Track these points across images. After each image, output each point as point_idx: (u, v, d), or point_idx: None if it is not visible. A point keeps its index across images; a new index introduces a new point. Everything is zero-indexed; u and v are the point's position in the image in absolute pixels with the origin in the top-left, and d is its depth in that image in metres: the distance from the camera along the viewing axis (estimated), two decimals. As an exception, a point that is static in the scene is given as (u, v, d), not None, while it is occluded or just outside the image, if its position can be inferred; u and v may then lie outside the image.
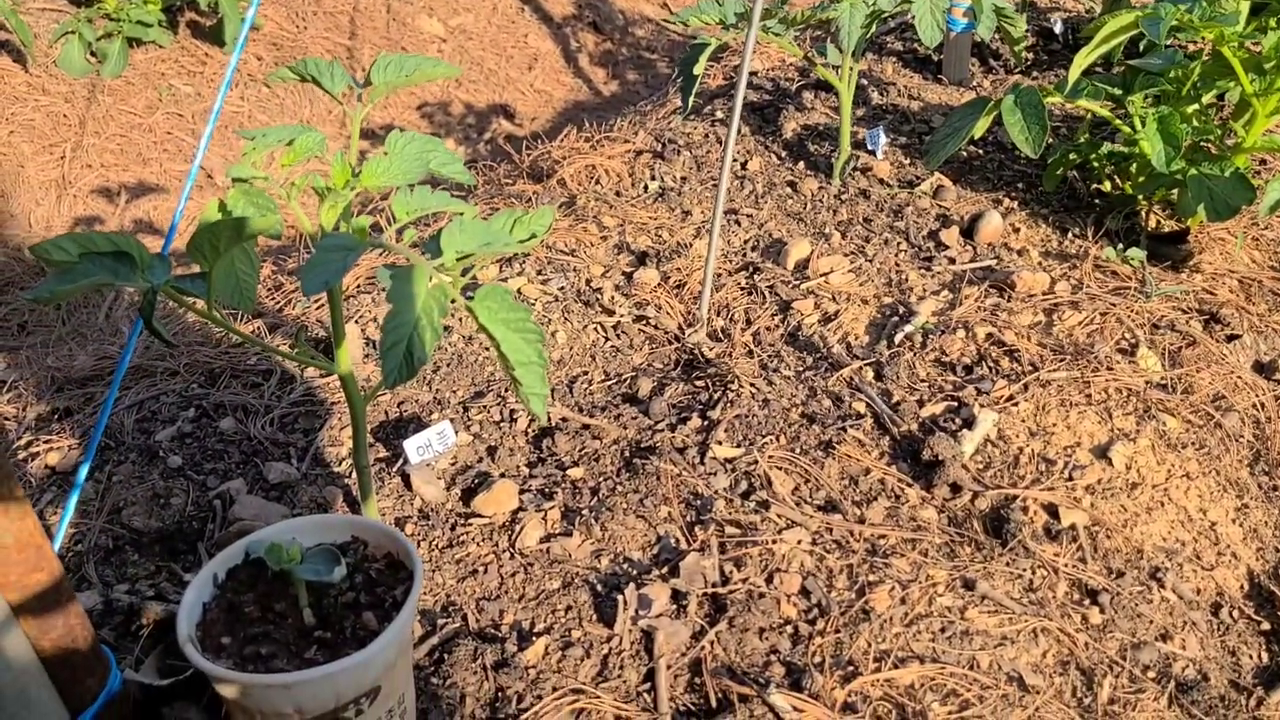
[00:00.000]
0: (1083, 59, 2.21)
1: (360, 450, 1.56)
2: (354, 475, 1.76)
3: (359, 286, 2.30)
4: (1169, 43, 2.47)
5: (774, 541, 1.60)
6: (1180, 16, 2.10)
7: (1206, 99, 2.37)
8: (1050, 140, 2.33)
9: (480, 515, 1.67)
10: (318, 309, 2.25)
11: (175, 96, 3.92)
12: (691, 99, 2.41)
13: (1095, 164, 2.50)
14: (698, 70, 2.35)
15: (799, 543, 1.61)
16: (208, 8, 3.91)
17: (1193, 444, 1.86)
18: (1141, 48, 2.72)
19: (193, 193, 3.68)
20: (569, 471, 1.76)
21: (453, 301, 1.26)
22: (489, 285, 1.27)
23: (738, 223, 2.55)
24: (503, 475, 1.76)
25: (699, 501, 1.69)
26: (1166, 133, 2.22)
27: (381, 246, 1.30)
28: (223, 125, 3.96)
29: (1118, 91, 2.38)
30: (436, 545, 1.63)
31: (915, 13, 2.37)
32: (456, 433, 1.84)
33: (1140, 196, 2.41)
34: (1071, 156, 2.50)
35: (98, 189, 3.59)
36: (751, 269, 2.37)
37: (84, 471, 1.59)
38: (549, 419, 1.90)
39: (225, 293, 1.45)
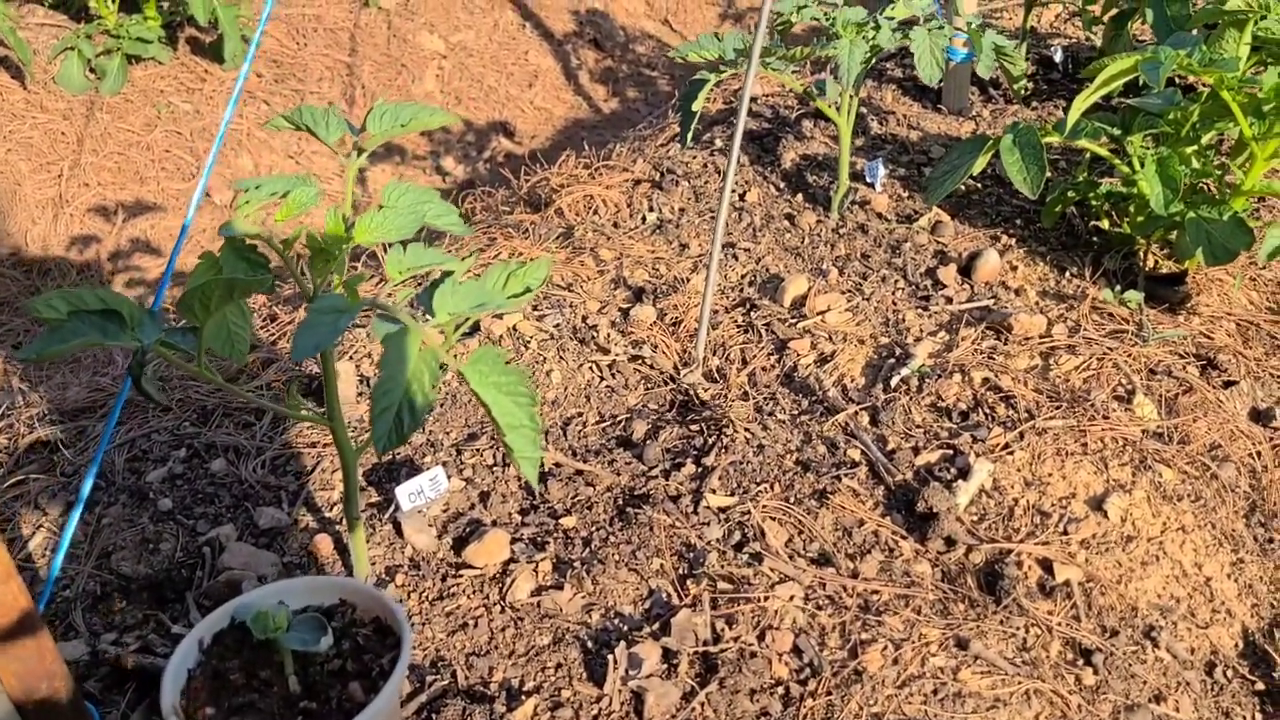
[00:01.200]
0: (1082, 102, 2.20)
1: (351, 502, 1.55)
2: (345, 521, 1.75)
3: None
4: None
5: (766, 597, 1.59)
6: (1180, 61, 2.09)
7: (1206, 140, 2.36)
8: (1049, 174, 2.32)
9: (472, 566, 1.66)
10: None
11: (174, 114, 3.91)
12: (690, 133, 2.40)
13: (1094, 202, 2.49)
14: (696, 107, 2.35)
15: (791, 598, 1.60)
16: (208, 24, 3.90)
17: (1188, 495, 1.86)
18: (1141, 83, 2.71)
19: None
20: (561, 520, 1.75)
21: (444, 366, 1.25)
22: (481, 348, 1.26)
23: (735, 256, 2.54)
24: (495, 523, 1.75)
25: (691, 554, 1.68)
26: (1165, 175, 2.21)
27: (375, 307, 1.29)
28: (222, 142, 3.95)
29: (1116, 131, 2.38)
30: (427, 597, 1.62)
31: (915, 50, 2.37)
32: (449, 478, 1.84)
33: (1138, 236, 2.40)
34: (1070, 194, 2.50)
35: (95, 207, 3.58)
36: (748, 305, 2.36)
37: (73, 522, 1.58)
38: (543, 464, 1.89)
39: (217, 345, 1.44)
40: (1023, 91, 2.66)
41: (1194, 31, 2.56)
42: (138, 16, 3.97)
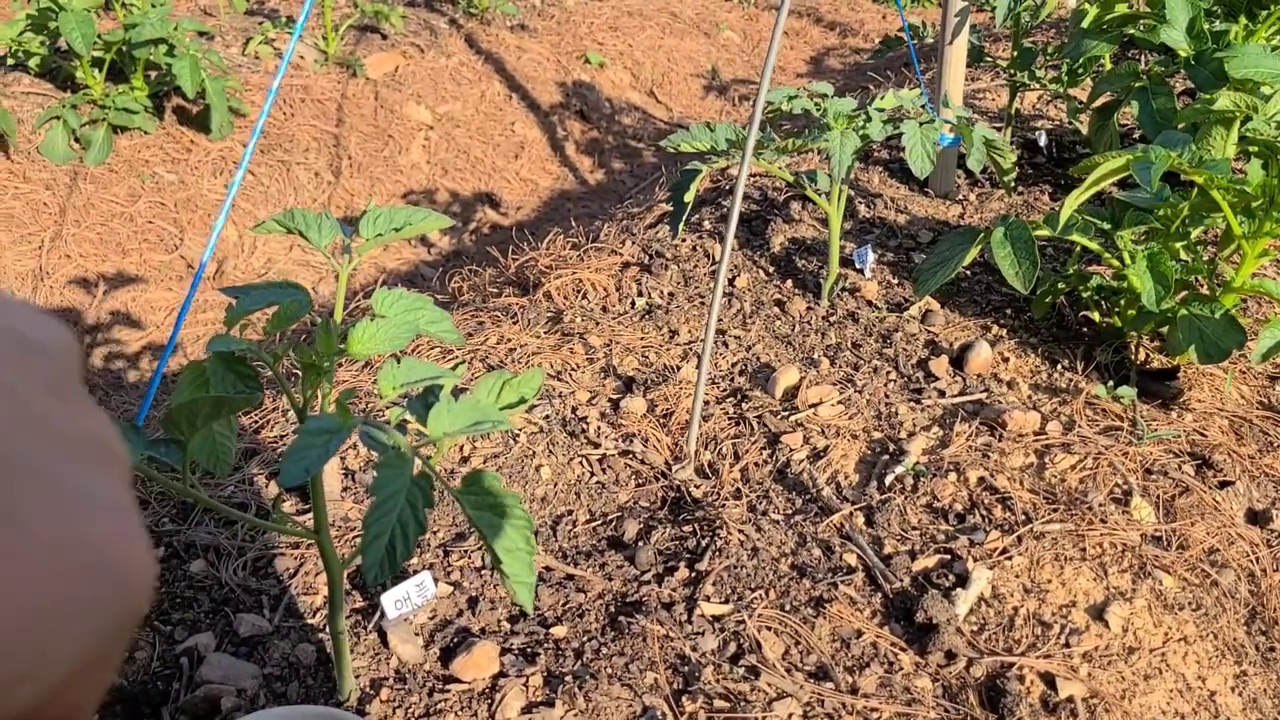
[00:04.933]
0: (1074, 199, 2.21)
1: (336, 616, 1.50)
2: (329, 631, 1.70)
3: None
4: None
5: (763, 717, 1.54)
6: (1171, 161, 2.10)
7: (1195, 235, 2.38)
8: (1040, 261, 2.33)
9: (460, 680, 1.60)
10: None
11: (158, 184, 3.89)
12: (681, 225, 2.39)
13: (1084, 294, 2.50)
14: (689, 198, 2.34)
15: (790, 716, 1.56)
16: (195, 96, 3.90)
17: (1189, 604, 1.83)
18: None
19: (174, 284, 3.64)
20: (552, 630, 1.70)
21: (438, 489, 1.22)
22: (474, 471, 1.23)
23: (725, 344, 2.52)
24: (483, 631, 1.70)
25: (686, 667, 1.64)
26: (1157, 271, 2.21)
27: (368, 426, 1.25)
28: (206, 213, 3.93)
29: (1107, 225, 2.39)
30: (413, 714, 1.56)
31: (907, 144, 2.38)
32: (436, 582, 1.79)
33: (1130, 330, 2.40)
34: (1060, 286, 2.50)
35: (75, 279, 3.54)
36: (739, 396, 2.34)
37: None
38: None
39: (202, 458, 1.40)
40: (1011, 184, 2.68)
41: (1180, 127, 2.59)
42: (124, 86, 3.96)
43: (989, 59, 3.51)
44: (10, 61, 4.03)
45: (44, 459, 0.26)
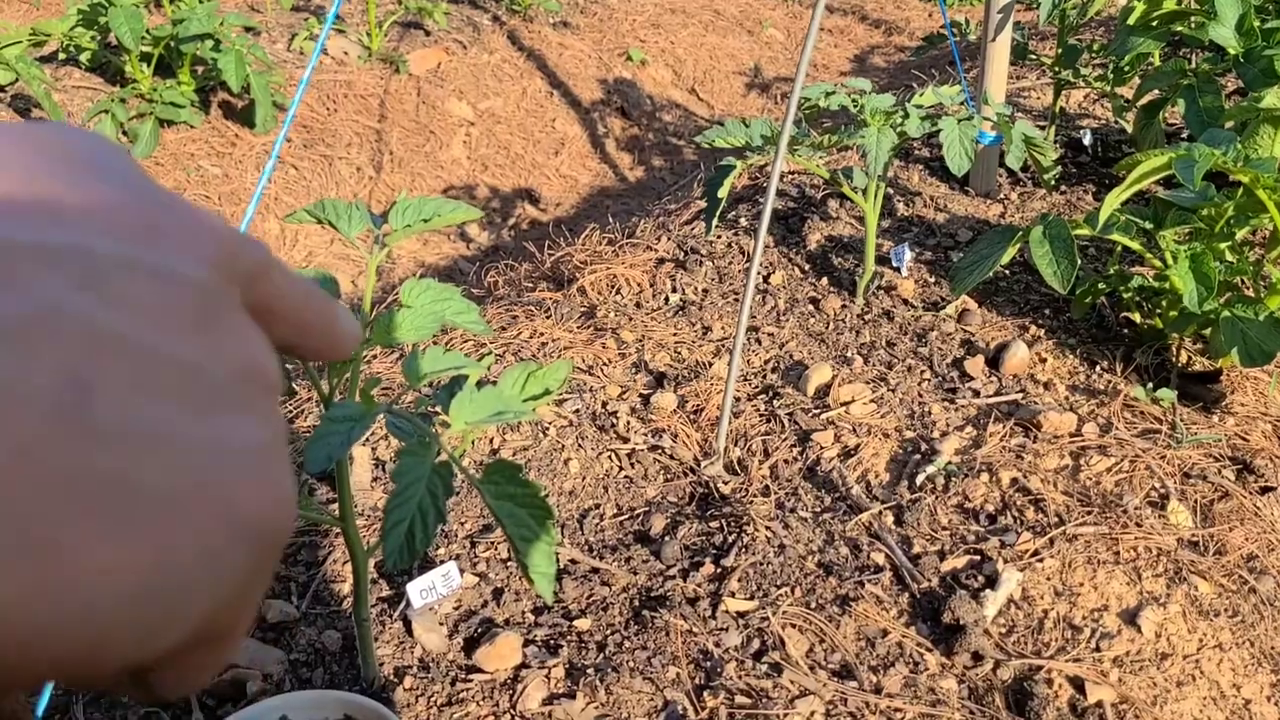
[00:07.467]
0: (1115, 198, 2.17)
1: (361, 604, 1.51)
2: (355, 619, 1.71)
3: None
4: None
5: (785, 714, 1.54)
6: (1216, 160, 2.06)
7: (1240, 235, 2.33)
8: (1079, 263, 2.29)
9: (482, 670, 1.61)
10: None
11: (203, 177, 3.95)
12: (715, 221, 2.38)
13: (1125, 295, 2.45)
14: (722, 194, 2.33)
15: (812, 715, 1.54)
16: (240, 90, 3.95)
17: (1225, 611, 1.79)
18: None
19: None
20: (575, 622, 1.71)
21: (459, 478, 1.23)
22: (496, 461, 1.24)
23: (758, 341, 2.51)
24: (507, 623, 1.71)
25: (709, 663, 1.63)
26: (1199, 272, 2.17)
27: (390, 414, 1.26)
28: (248, 207, 3.98)
29: (1149, 225, 2.34)
30: (435, 702, 1.57)
31: (944, 141, 2.35)
32: (462, 573, 1.80)
33: (1171, 332, 2.35)
34: (1100, 286, 2.46)
35: (121, 270, 3.60)
36: (771, 393, 2.33)
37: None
38: (558, 560, 1.85)
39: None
40: (1052, 182, 2.63)
41: (1228, 125, 2.53)
42: (171, 81, 4.03)
43: (1034, 56, 3.47)
44: (62, 56, 4.12)
45: (171, 416, 0.26)
